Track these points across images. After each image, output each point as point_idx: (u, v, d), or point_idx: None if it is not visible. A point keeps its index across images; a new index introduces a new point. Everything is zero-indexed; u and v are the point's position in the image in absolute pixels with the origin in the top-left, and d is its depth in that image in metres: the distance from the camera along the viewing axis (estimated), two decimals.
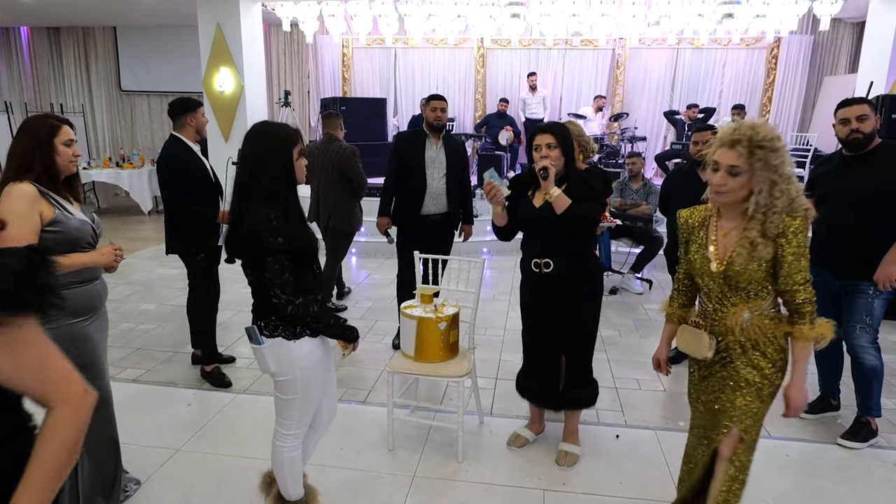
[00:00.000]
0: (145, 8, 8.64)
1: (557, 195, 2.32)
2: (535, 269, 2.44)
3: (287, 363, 1.82)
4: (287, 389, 1.88)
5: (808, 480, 2.52)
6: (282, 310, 1.74)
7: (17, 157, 1.87)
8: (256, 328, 1.82)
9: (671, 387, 3.41)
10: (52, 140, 1.89)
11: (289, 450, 1.97)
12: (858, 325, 2.69)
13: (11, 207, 1.77)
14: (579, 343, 2.52)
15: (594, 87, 9.49)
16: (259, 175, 1.74)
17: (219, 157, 7.90)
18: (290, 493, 2.03)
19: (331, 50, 10.04)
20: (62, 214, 1.87)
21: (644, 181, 5.46)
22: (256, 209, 1.71)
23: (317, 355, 1.88)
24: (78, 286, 1.92)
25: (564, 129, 2.43)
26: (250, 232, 1.71)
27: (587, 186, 2.37)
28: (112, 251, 1.97)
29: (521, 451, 2.69)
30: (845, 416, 2.99)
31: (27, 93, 10.92)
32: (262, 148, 1.76)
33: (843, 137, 2.67)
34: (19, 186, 1.81)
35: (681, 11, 7.36)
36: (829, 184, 2.75)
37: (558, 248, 2.39)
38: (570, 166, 2.41)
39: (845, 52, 8.83)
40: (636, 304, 4.95)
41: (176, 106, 3.19)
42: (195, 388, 3.29)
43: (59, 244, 1.84)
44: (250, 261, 1.79)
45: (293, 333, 1.81)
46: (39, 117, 1.95)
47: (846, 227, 2.65)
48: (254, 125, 1.84)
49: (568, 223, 2.33)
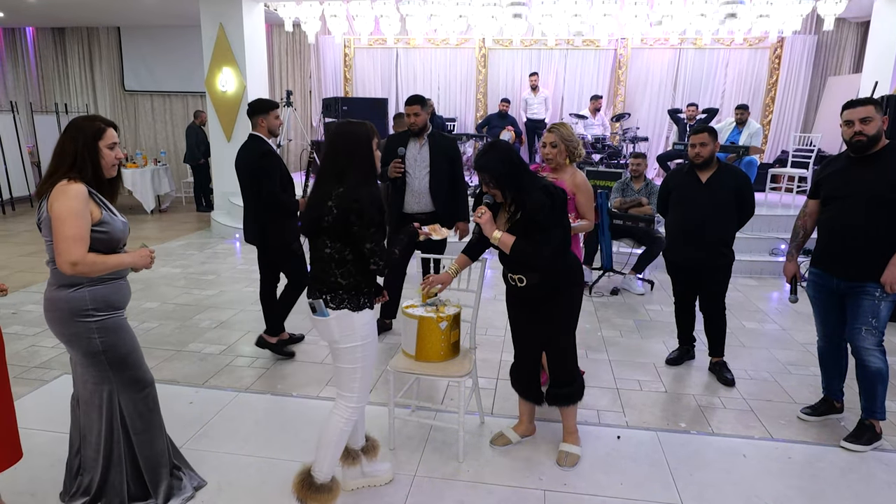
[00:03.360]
0: (149, 8, 8.66)
1: (499, 239, 2.30)
2: (511, 281, 2.48)
3: (350, 332, 2.05)
4: (349, 358, 2.09)
5: (810, 483, 2.50)
6: (381, 274, 2.04)
7: (67, 156, 1.93)
8: (322, 301, 2.03)
9: (672, 388, 3.40)
10: (97, 143, 1.96)
11: (345, 422, 2.13)
12: (864, 327, 2.67)
13: (70, 205, 1.85)
14: (559, 342, 2.53)
15: (596, 87, 9.47)
16: (350, 162, 2.00)
17: (221, 156, 7.93)
18: (325, 470, 2.14)
19: (333, 50, 10.05)
20: (108, 215, 1.98)
21: (646, 181, 5.45)
22: (357, 189, 1.96)
23: (374, 326, 2.12)
24: (115, 282, 2.04)
25: (489, 159, 2.28)
26: (356, 205, 1.94)
27: (533, 219, 2.27)
28: (148, 254, 2.08)
29: (521, 451, 2.69)
30: (849, 418, 2.98)
31: (32, 92, 10.96)
32: (352, 139, 2.03)
33: (847, 139, 2.66)
34: (75, 186, 1.88)
35: (683, 11, 7.34)
36: (835, 185, 2.73)
37: (527, 266, 2.38)
38: (516, 189, 2.28)
39: (849, 52, 8.79)
40: (637, 304, 4.94)
41: (250, 107, 3.46)
42: (197, 386, 3.29)
43: (101, 244, 1.94)
44: (340, 234, 1.98)
45: (357, 305, 2.05)
46: (88, 118, 2.00)
47: (852, 228, 2.63)
48: (338, 123, 2.12)
49: (519, 260, 2.31)
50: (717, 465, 2.61)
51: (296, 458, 2.59)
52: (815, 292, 2.91)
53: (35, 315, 4.42)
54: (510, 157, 2.30)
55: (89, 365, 2.03)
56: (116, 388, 2.08)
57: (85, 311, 1.96)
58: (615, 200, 5.43)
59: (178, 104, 10.82)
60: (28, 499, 2.29)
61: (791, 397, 3.29)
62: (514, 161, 2.31)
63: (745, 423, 2.99)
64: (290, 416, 3.00)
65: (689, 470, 2.57)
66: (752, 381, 3.50)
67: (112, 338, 2.01)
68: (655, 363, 3.73)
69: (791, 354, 3.91)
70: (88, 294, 1.95)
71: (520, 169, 2.31)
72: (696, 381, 3.49)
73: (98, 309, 1.98)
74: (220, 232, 7.55)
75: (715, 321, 3.51)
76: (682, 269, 3.54)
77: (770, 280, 5.79)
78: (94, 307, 1.97)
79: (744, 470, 2.58)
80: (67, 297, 1.95)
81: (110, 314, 2.01)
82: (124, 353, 2.05)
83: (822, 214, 2.83)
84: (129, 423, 2.12)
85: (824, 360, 3.01)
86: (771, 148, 9.14)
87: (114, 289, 2.02)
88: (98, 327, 1.98)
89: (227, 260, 6.30)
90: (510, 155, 2.31)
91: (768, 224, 6.24)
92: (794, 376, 3.57)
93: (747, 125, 7.02)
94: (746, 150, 6.53)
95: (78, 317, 1.95)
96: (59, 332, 2.00)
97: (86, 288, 1.95)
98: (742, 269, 5.75)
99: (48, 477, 2.41)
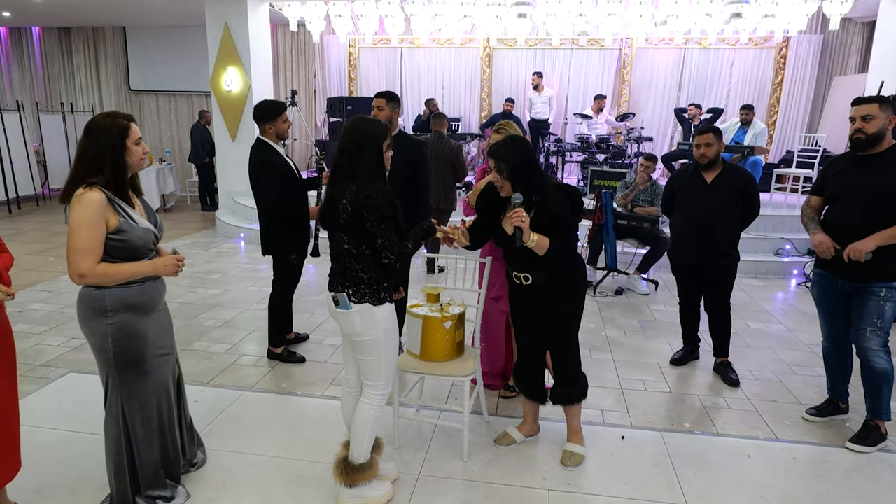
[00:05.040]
0: (154, 8, 8.69)
1: (536, 242, 2.24)
2: (516, 280, 2.47)
3: (372, 325, 2.11)
4: (371, 350, 2.15)
5: (815, 484, 2.50)
6: (391, 268, 2.08)
7: (87, 159, 1.90)
8: (345, 295, 2.08)
9: (677, 388, 3.40)
10: (125, 141, 1.93)
11: (376, 408, 2.21)
12: (869, 327, 2.66)
13: (81, 216, 1.84)
14: (562, 342, 2.53)
15: (600, 87, 9.46)
16: (361, 158, 2.04)
17: (226, 155, 7.96)
18: (363, 453, 2.22)
19: (337, 49, 10.07)
20: (127, 223, 1.94)
21: (651, 182, 5.42)
22: (370, 183, 2.01)
23: (394, 319, 2.18)
24: (139, 284, 2.02)
25: (508, 150, 2.29)
26: (368, 200, 1.98)
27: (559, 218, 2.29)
28: (174, 262, 2.06)
29: (525, 451, 2.69)
30: (854, 419, 2.97)
31: (38, 92, 11.02)
32: (364, 136, 2.06)
33: (849, 136, 2.66)
34: (90, 194, 1.86)
35: (688, 11, 7.31)
36: (840, 183, 2.72)
37: (537, 264, 2.37)
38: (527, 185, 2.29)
39: (855, 52, 8.75)
40: (641, 304, 4.93)
41: (258, 112, 3.36)
42: (202, 385, 3.30)
43: (120, 251, 1.94)
44: (357, 230, 2.03)
45: (378, 300, 2.11)
46: (108, 116, 1.96)
47: (857, 227, 2.61)
48: (351, 119, 2.15)
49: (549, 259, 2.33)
50: (722, 466, 2.61)
51: (300, 458, 2.60)
52: (819, 293, 2.90)
53: (41, 314, 4.45)
54: (528, 153, 2.36)
55: (103, 364, 2.05)
56: (120, 391, 2.07)
57: (103, 311, 1.96)
58: (618, 197, 5.40)
59: (183, 104, 10.86)
60: (33, 496, 2.30)
61: (796, 398, 3.28)
62: (531, 157, 2.37)
63: (750, 424, 2.99)
64: (295, 414, 3.01)
65: (694, 470, 2.57)
66: (757, 381, 3.49)
67: (124, 343, 2.00)
68: (660, 363, 3.73)
69: (796, 355, 3.90)
70: (107, 295, 1.96)
71: (534, 166, 2.37)
72: (700, 382, 3.49)
73: (116, 310, 1.97)
74: (225, 231, 7.57)
75: (720, 321, 3.50)
76: (687, 270, 3.53)
77: (775, 280, 5.77)
78: (112, 308, 1.96)
79: (748, 471, 2.58)
80: (90, 296, 1.97)
81: (129, 317, 1.99)
82: (132, 360, 2.03)
83: (827, 214, 2.82)
84: (130, 429, 2.10)
85: (829, 361, 3.00)
86: (776, 148, 9.10)
87: (136, 291, 2.00)
88: (113, 329, 1.97)
89: (231, 259, 6.32)
90: (528, 150, 2.37)
91: (773, 224, 6.22)
92: (799, 377, 3.56)
93: (752, 125, 7.00)
94: (751, 151, 6.51)
95: (96, 316, 1.97)
96: (82, 328, 2.03)
97: (105, 289, 1.96)
98: (747, 270, 5.73)
99: (53, 474, 2.43)
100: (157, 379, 2.14)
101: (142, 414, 2.10)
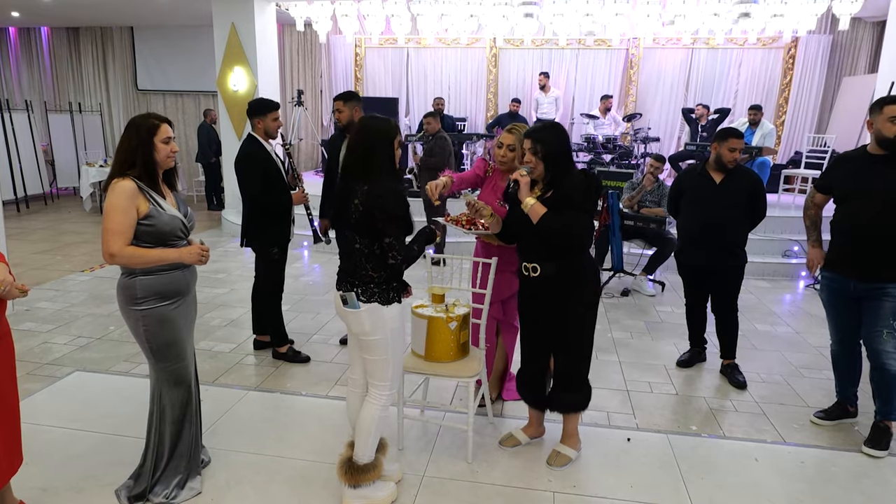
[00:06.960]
0: (162, 8, 8.73)
1: (532, 206, 2.31)
2: (525, 272, 2.45)
3: (380, 325, 2.11)
4: (378, 349, 2.14)
5: (822, 487, 2.47)
6: (397, 269, 2.08)
7: (122, 153, 2.08)
8: (354, 294, 2.09)
9: (683, 390, 3.37)
10: (153, 139, 2.09)
11: (382, 408, 2.20)
12: (885, 329, 2.62)
13: (114, 202, 2.02)
14: (571, 348, 2.49)
15: (607, 87, 9.41)
16: (372, 157, 2.05)
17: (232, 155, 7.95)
18: (368, 454, 2.22)
19: (343, 49, 10.08)
20: (155, 210, 2.08)
21: (658, 183, 5.40)
22: (380, 184, 2.02)
23: (400, 320, 2.18)
24: (165, 272, 2.13)
25: (547, 134, 2.36)
26: (379, 200, 2.00)
27: (568, 197, 2.32)
28: (199, 250, 2.16)
29: (530, 452, 2.68)
30: (862, 423, 2.94)
31: (47, 91, 11.10)
32: (376, 135, 2.08)
33: (892, 137, 2.53)
34: (122, 183, 2.03)
35: (696, 11, 7.27)
36: (855, 183, 2.67)
37: (545, 253, 2.37)
38: (557, 171, 2.35)
39: (865, 52, 8.67)
40: (648, 306, 4.91)
41: (248, 107, 3.48)
42: (206, 384, 3.31)
43: (149, 236, 2.07)
44: (368, 229, 2.04)
45: (387, 299, 2.11)
46: (143, 116, 2.13)
47: (872, 227, 2.57)
48: (362, 118, 2.18)
49: (543, 235, 2.32)
50: (729, 469, 2.58)
51: (305, 457, 2.60)
52: (829, 296, 2.87)
53: (48, 312, 4.47)
54: (566, 141, 2.42)
55: (142, 350, 2.18)
56: (157, 373, 2.20)
57: (134, 299, 2.09)
58: (625, 198, 5.38)
59: (190, 103, 10.90)
60: (39, 493, 2.31)
61: (804, 401, 3.25)
62: (567, 145, 2.43)
63: (757, 427, 2.96)
64: (300, 414, 3.01)
65: (700, 473, 2.55)
66: (765, 384, 3.46)
67: (156, 328, 2.12)
68: (666, 365, 3.70)
69: (804, 357, 3.86)
70: (138, 283, 2.08)
71: (569, 155, 2.43)
72: (707, 384, 3.46)
73: (146, 298, 2.09)
74: (231, 230, 7.58)
75: (727, 323, 3.47)
76: (694, 271, 3.51)
77: (783, 282, 5.72)
78: (143, 296, 2.08)
79: (755, 474, 2.55)
80: (124, 285, 2.11)
81: (158, 304, 2.11)
82: (165, 344, 2.15)
83: (837, 214, 2.78)
84: (168, 413, 2.22)
85: (838, 364, 2.96)
86: (784, 149, 9.04)
87: (165, 279, 2.11)
88: (144, 315, 2.10)
89: (237, 258, 6.33)
90: (566, 138, 2.43)
91: (781, 226, 6.18)
92: (807, 380, 3.52)
93: (760, 126, 6.95)
94: (759, 151, 6.47)
95: (130, 304, 2.10)
96: (122, 317, 2.16)
97: (136, 277, 2.09)
98: (754, 271, 5.69)
99: (59, 472, 2.43)
100: (186, 365, 2.25)
101: (172, 396, 2.22)
